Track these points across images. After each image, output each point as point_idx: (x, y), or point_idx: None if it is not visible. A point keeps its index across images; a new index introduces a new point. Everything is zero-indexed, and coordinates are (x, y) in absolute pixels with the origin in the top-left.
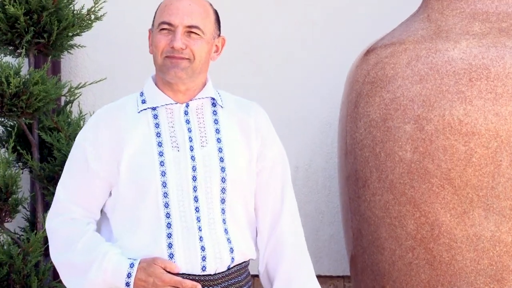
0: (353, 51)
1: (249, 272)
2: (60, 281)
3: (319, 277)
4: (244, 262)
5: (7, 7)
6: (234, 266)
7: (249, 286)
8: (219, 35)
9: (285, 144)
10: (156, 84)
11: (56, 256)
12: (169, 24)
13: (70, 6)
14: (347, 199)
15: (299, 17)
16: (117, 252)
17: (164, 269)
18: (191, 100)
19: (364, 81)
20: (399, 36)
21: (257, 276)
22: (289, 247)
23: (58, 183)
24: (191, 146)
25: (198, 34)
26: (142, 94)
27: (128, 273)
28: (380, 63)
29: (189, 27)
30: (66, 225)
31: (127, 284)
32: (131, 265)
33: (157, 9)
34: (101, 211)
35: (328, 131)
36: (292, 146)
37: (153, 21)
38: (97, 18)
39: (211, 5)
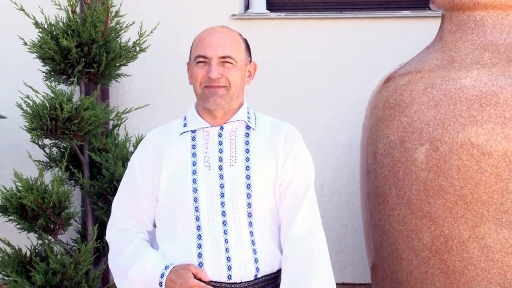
0: (373, 80)
1: (279, 283)
2: (110, 287)
3: (342, 284)
4: (273, 273)
5: (60, 40)
6: (263, 276)
7: None
8: (250, 61)
9: None
10: (197, 110)
11: (110, 261)
12: (204, 57)
13: (117, 39)
14: (369, 214)
15: (326, 50)
16: (156, 255)
17: (194, 275)
18: (225, 123)
19: (384, 106)
20: (416, 65)
21: None
22: (297, 255)
23: (114, 198)
24: (220, 166)
25: (231, 63)
26: (185, 118)
27: (162, 274)
28: (399, 90)
29: (222, 57)
30: (118, 235)
31: (160, 283)
32: (166, 267)
33: (192, 44)
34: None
35: (350, 152)
36: (318, 166)
37: (190, 55)
38: (141, 50)
39: (240, 35)
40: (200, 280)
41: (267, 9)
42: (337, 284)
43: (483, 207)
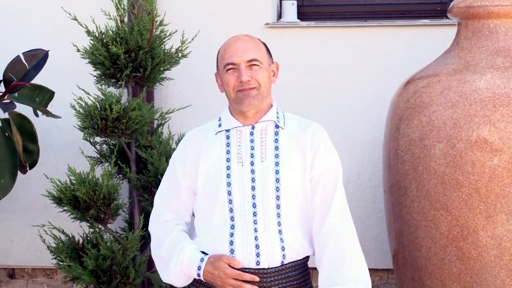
0: (395, 82)
1: (307, 268)
2: (153, 272)
3: None
4: (299, 259)
5: (110, 47)
6: (289, 263)
7: (305, 279)
8: (272, 62)
9: None
10: (230, 112)
11: (153, 251)
12: (232, 64)
13: (161, 46)
14: (390, 205)
15: (351, 55)
16: (192, 247)
17: (228, 265)
18: (256, 123)
19: (405, 107)
20: (434, 69)
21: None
22: (332, 243)
23: (156, 193)
24: (252, 161)
25: (258, 65)
26: (219, 119)
27: (199, 266)
28: (418, 92)
29: (249, 61)
30: (159, 227)
31: (198, 274)
32: (202, 260)
33: (218, 55)
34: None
35: (374, 148)
36: (344, 161)
37: (217, 65)
38: (183, 56)
39: (259, 39)
40: (233, 268)
41: (298, 18)
42: None
43: (496, 199)
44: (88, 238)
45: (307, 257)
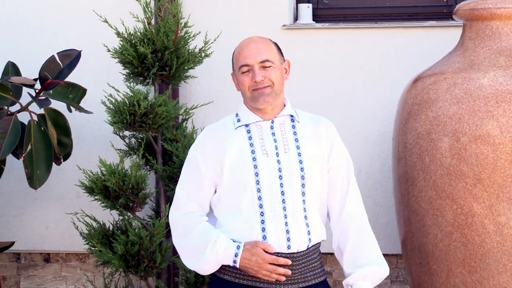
0: (403, 80)
1: (320, 251)
2: (178, 257)
3: None
4: (318, 243)
5: (138, 47)
6: (312, 246)
7: (321, 262)
8: (284, 60)
9: (350, 152)
10: (248, 108)
11: (177, 241)
12: (247, 65)
13: (186, 46)
14: (399, 195)
15: (363, 55)
16: (226, 237)
17: (264, 250)
18: (275, 118)
19: (413, 103)
20: (440, 67)
21: (327, 254)
22: (353, 228)
23: (177, 184)
24: (276, 153)
25: (270, 65)
26: (237, 115)
27: (236, 253)
28: (425, 89)
29: (262, 62)
30: (184, 217)
31: (234, 261)
32: (238, 247)
33: (233, 57)
34: None
35: (384, 142)
36: (356, 154)
37: (233, 66)
38: (206, 55)
39: (270, 39)
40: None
41: (313, 20)
42: None
43: (498, 189)
44: (118, 225)
45: (322, 241)
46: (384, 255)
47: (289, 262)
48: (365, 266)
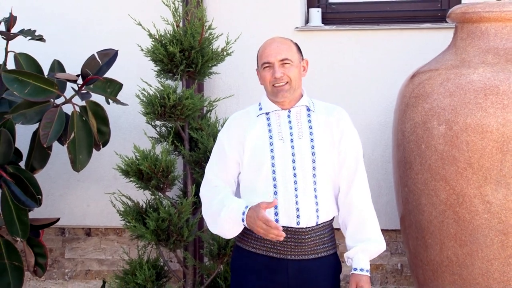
0: (402, 76)
1: (332, 227)
2: (203, 231)
3: None
4: (328, 220)
5: (168, 47)
6: (322, 223)
7: (331, 237)
8: (302, 59)
9: None
10: (269, 99)
11: (204, 211)
12: (268, 63)
13: (210, 46)
14: (398, 177)
15: (367, 53)
16: (240, 200)
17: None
18: (292, 107)
19: (410, 96)
20: (435, 64)
21: (335, 229)
22: (357, 207)
23: (207, 165)
24: (291, 139)
25: (289, 63)
26: (259, 104)
27: (243, 212)
28: (422, 83)
29: (282, 60)
30: (210, 191)
31: (242, 219)
32: (246, 207)
33: (258, 55)
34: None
35: (385, 130)
36: (361, 141)
37: (257, 62)
38: (228, 54)
39: (291, 40)
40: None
41: (322, 22)
42: None
43: (486, 172)
44: (150, 203)
45: (333, 217)
46: (385, 230)
47: (281, 229)
48: (364, 241)
